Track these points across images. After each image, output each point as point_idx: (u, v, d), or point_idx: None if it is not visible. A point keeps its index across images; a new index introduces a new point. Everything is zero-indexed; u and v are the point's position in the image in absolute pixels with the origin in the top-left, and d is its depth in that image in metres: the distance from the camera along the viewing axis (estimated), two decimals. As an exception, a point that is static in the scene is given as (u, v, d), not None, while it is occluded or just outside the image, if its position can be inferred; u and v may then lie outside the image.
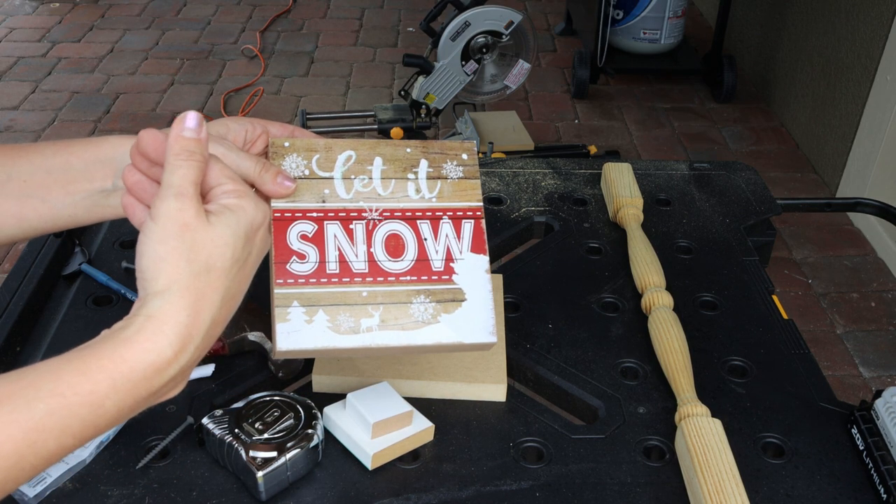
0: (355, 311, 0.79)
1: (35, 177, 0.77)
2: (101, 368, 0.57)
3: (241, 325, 1.02)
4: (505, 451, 0.92)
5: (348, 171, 0.82)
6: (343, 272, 0.79)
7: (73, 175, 0.78)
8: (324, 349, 0.77)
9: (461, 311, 0.82)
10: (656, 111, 3.59)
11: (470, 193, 0.86)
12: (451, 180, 0.86)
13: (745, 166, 1.47)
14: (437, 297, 0.81)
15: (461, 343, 0.81)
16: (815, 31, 3.23)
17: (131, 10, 4.41)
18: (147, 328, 0.59)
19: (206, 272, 0.62)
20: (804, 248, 2.79)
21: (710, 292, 1.17)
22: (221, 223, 0.64)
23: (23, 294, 1.09)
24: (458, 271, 0.83)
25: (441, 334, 0.81)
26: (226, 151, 0.76)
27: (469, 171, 0.87)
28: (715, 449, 0.87)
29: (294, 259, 0.78)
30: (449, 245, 0.84)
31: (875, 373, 2.32)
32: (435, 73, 2.60)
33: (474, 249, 0.85)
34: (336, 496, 0.86)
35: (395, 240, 0.82)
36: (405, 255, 0.82)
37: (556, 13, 4.41)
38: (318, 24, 4.33)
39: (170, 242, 0.61)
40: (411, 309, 0.81)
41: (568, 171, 1.44)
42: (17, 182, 0.77)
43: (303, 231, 0.79)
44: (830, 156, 3.11)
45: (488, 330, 0.82)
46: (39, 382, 0.56)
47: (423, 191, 0.84)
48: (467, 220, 0.85)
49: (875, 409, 0.94)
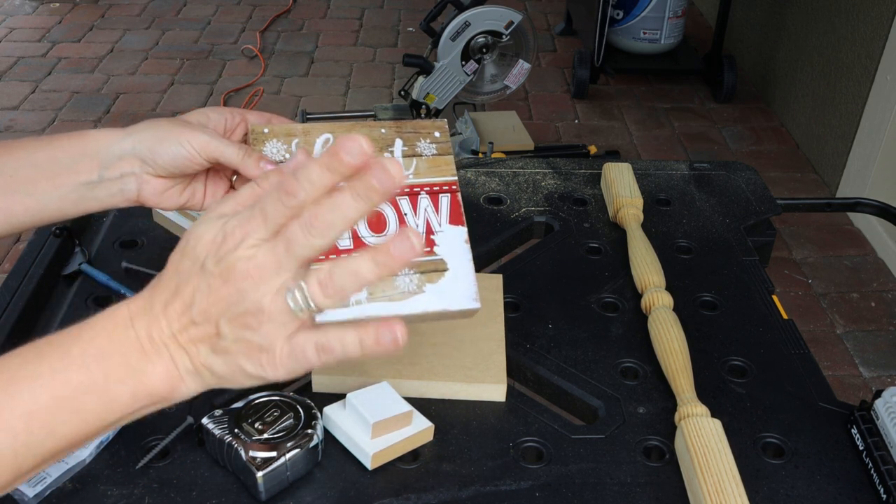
0: None
1: (21, 172, 0.79)
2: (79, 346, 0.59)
3: (241, 325, 1.02)
4: (505, 451, 0.92)
5: None
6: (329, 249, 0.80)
7: (59, 168, 0.80)
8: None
9: (444, 280, 0.83)
10: (656, 111, 3.59)
11: (444, 169, 0.89)
12: (426, 157, 0.89)
13: (745, 166, 1.47)
14: (421, 269, 0.83)
15: (447, 310, 0.83)
16: (815, 31, 3.23)
17: (131, 10, 4.41)
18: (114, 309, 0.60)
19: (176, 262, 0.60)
20: (804, 248, 2.79)
21: (710, 292, 1.17)
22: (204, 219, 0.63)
23: (23, 294, 1.09)
24: (439, 243, 0.85)
25: (427, 303, 0.82)
26: (209, 139, 0.79)
27: (442, 148, 0.89)
28: (715, 449, 0.87)
29: None
30: (428, 218, 0.86)
31: (875, 373, 2.32)
32: (435, 73, 2.60)
33: (452, 221, 0.87)
34: (336, 496, 0.86)
35: (377, 216, 0.84)
36: (387, 230, 0.84)
37: (556, 13, 4.40)
38: (318, 24, 4.33)
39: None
40: (397, 281, 0.82)
41: (568, 171, 1.44)
42: (4, 178, 0.78)
43: None
44: (830, 156, 3.11)
45: (471, 297, 0.83)
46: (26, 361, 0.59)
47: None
48: (444, 194, 0.88)
49: (875, 409, 0.94)
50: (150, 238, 1.23)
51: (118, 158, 0.81)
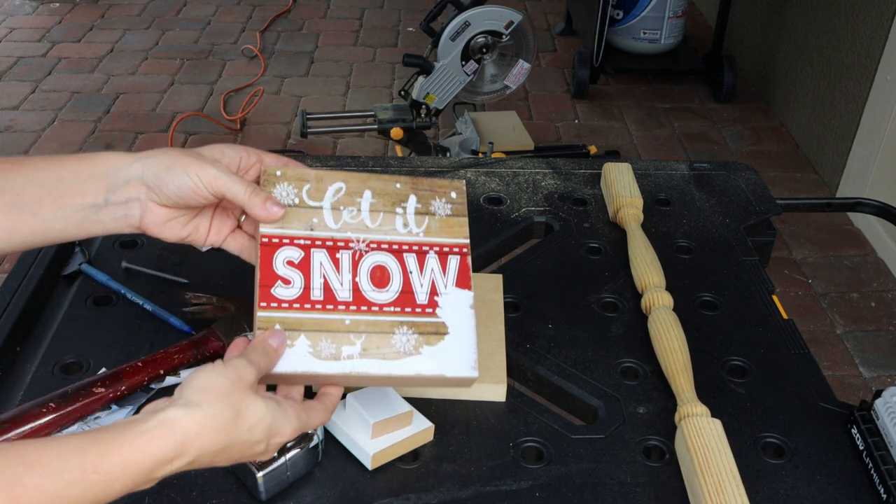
0: (337, 338, 0.79)
1: (27, 190, 0.78)
2: (121, 454, 0.64)
3: (241, 326, 1.02)
4: (505, 451, 0.92)
5: (338, 201, 0.84)
6: (327, 299, 0.80)
7: (65, 189, 0.79)
8: (303, 374, 0.78)
9: (444, 344, 0.82)
10: (656, 111, 3.59)
11: (457, 230, 0.87)
12: (439, 217, 0.87)
13: (745, 166, 1.47)
14: (421, 330, 0.82)
15: (442, 376, 0.81)
16: (815, 31, 3.23)
17: (131, 10, 4.41)
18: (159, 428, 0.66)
19: (231, 419, 0.69)
20: (804, 248, 2.79)
21: (710, 292, 1.17)
22: (267, 403, 0.72)
23: (23, 294, 1.09)
24: (443, 305, 0.84)
25: (422, 366, 0.81)
26: (218, 173, 0.80)
27: (457, 209, 0.88)
28: (715, 449, 0.87)
29: (279, 284, 0.79)
30: (434, 279, 0.84)
31: (875, 373, 2.32)
32: (435, 73, 2.59)
33: (459, 284, 0.85)
34: (336, 496, 0.86)
35: (381, 271, 0.83)
36: (390, 286, 0.83)
37: (556, 13, 4.40)
38: (318, 24, 4.33)
39: (223, 381, 0.70)
40: (393, 339, 0.81)
41: (568, 171, 1.44)
42: (10, 195, 0.78)
43: (289, 257, 0.80)
44: (830, 156, 3.11)
45: (470, 364, 0.82)
46: (67, 456, 0.62)
47: (411, 225, 0.86)
48: (453, 256, 0.86)
49: (875, 409, 0.94)
50: (150, 238, 1.22)
51: (125, 182, 0.81)
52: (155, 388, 0.97)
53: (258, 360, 0.74)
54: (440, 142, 2.84)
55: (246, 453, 0.72)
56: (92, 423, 0.91)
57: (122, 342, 1.04)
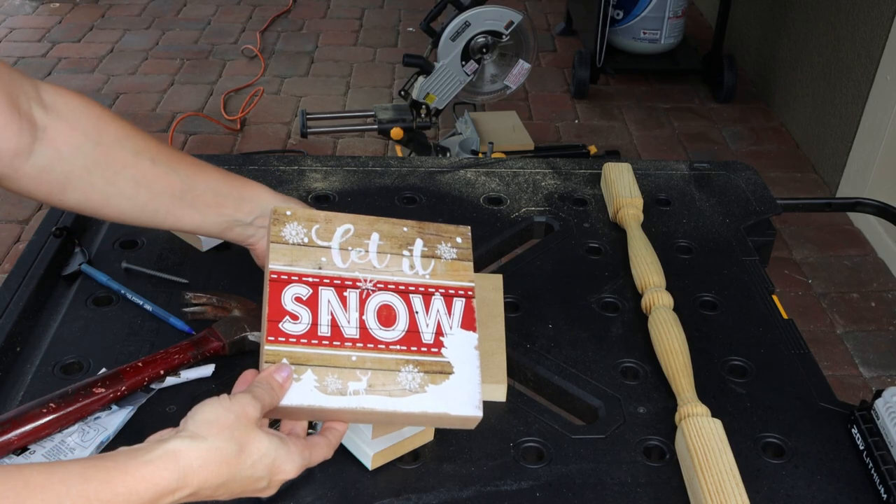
0: (343, 374, 0.80)
1: (205, 195, 0.97)
2: (124, 482, 0.65)
3: (241, 326, 1.02)
4: (505, 451, 0.92)
5: (346, 242, 0.87)
6: (334, 336, 0.82)
7: (228, 202, 0.98)
8: (309, 408, 0.79)
9: (448, 383, 0.83)
10: (656, 111, 3.59)
11: (462, 274, 0.89)
12: (445, 260, 0.89)
13: (745, 166, 1.47)
14: (426, 368, 0.83)
15: (447, 414, 0.82)
16: (815, 31, 3.23)
17: (131, 10, 4.41)
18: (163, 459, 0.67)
19: (234, 454, 0.71)
20: (804, 248, 2.79)
21: (710, 292, 1.17)
22: (270, 440, 0.74)
23: (23, 294, 1.09)
24: (448, 345, 0.85)
25: (427, 404, 0.82)
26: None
27: (462, 254, 0.90)
28: (715, 449, 0.87)
29: (287, 319, 0.81)
30: (440, 319, 0.86)
31: (875, 373, 2.32)
32: (435, 73, 2.59)
33: (464, 326, 0.87)
34: (336, 496, 0.86)
35: (388, 310, 0.85)
36: (396, 325, 0.84)
37: (556, 13, 4.40)
38: (318, 24, 4.32)
39: (228, 416, 0.72)
40: (399, 377, 0.82)
41: (568, 171, 1.44)
42: (192, 194, 0.96)
43: (297, 294, 0.83)
44: (830, 156, 3.11)
45: (474, 404, 0.83)
46: (70, 481, 0.63)
47: (417, 267, 0.88)
48: (458, 298, 0.88)
49: (875, 409, 0.94)
50: (150, 238, 1.23)
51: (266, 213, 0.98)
52: (155, 389, 0.97)
53: (263, 395, 0.75)
54: (440, 142, 2.84)
55: (248, 489, 0.74)
56: (92, 423, 0.91)
57: (122, 342, 1.04)
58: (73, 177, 0.90)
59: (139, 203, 0.95)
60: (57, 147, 0.88)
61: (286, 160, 1.43)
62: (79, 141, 0.90)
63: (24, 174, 0.87)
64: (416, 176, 1.40)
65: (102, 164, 0.91)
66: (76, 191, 0.91)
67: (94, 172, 0.91)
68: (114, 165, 0.92)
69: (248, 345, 1.02)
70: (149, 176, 0.94)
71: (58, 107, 0.89)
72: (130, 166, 0.93)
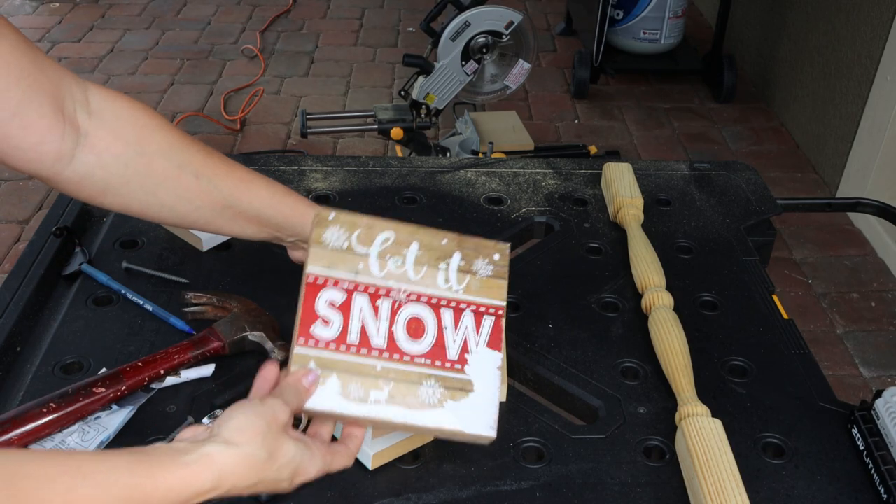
0: (366, 382, 0.82)
1: (246, 213, 0.97)
2: (165, 480, 0.68)
3: (242, 326, 1.02)
4: (505, 451, 0.92)
5: (385, 250, 0.87)
6: (362, 343, 0.84)
7: (270, 224, 0.99)
8: (329, 412, 0.81)
9: (467, 401, 0.84)
10: (656, 111, 3.59)
11: (496, 291, 0.89)
12: (480, 277, 0.89)
13: (745, 166, 1.47)
14: (447, 384, 0.84)
15: (461, 432, 0.84)
16: (815, 31, 3.23)
17: (131, 10, 4.41)
18: (200, 462, 0.70)
19: (264, 460, 0.74)
20: (804, 248, 2.79)
21: (710, 292, 1.17)
22: (297, 445, 0.77)
23: (23, 294, 1.09)
24: (471, 363, 0.86)
25: (443, 419, 0.83)
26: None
27: (498, 272, 0.89)
28: (715, 449, 0.87)
29: (319, 322, 0.82)
30: (467, 337, 0.87)
31: (875, 373, 2.32)
32: (435, 73, 2.59)
33: (490, 345, 0.87)
34: (336, 496, 0.86)
35: (417, 323, 0.86)
36: (424, 338, 0.85)
37: (556, 13, 4.40)
38: (318, 24, 4.32)
39: (260, 422, 0.74)
40: (420, 390, 0.83)
41: (568, 171, 1.44)
42: (234, 211, 0.97)
43: (332, 298, 0.84)
44: (830, 156, 3.11)
45: (489, 424, 0.84)
46: (118, 471, 0.66)
47: (452, 282, 0.88)
48: (489, 316, 0.88)
49: (875, 410, 0.94)
50: (150, 238, 1.23)
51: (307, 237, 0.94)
52: (155, 388, 0.97)
53: (292, 400, 0.78)
54: (440, 142, 2.84)
55: (270, 488, 0.77)
56: (92, 422, 0.91)
57: (122, 342, 1.04)
58: (113, 183, 0.91)
59: (179, 214, 0.96)
60: (98, 154, 0.88)
61: (286, 160, 1.43)
62: (120, 150, 0.90)
63: (65, 178, 0.88)
64: (417, 176, 1.40)
65: (143, 174, 0.91)
66: (117, 196, 0.92)
67: (133, 182, 0.91)
68: (155, 177, 0.92)
69: (249, 345, 1.02)
70: (191, 190, 0.94)
71: (104, 113, 0.89)
72: (172, 178, 0.93)
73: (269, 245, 1.22)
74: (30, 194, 2.92)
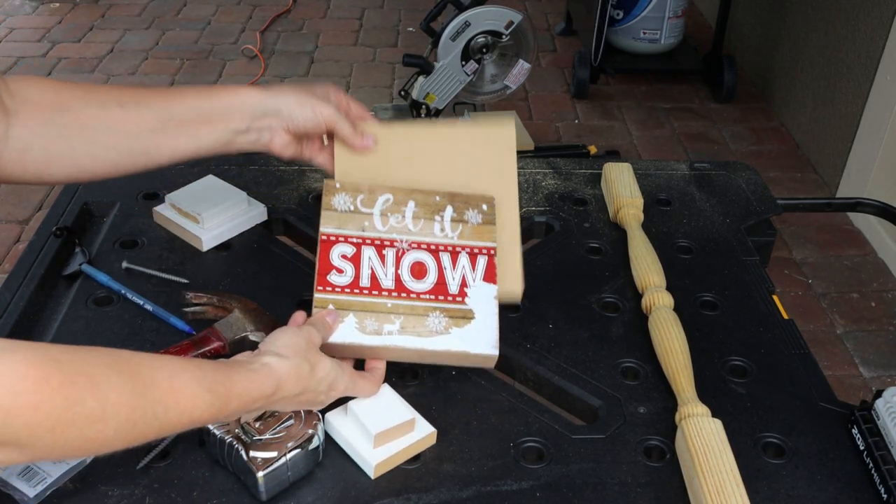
0: (380, 318, 0.94)
1: (188, 117, 0.98)
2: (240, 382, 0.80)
3: (242, 326, 1.02)
4: (505, 451, 0.92)
5: (386, 209, 1.01)
6: (373, 286, 0.96)
7: (217, 116, 0.99)
8: (350, 345, 0.93)
9: (470, 326, 0.96)
10: (656, 111, 3.59)
11: (486, 236, 1.01)
12: (472, 224, 1.01)
13: (745, 166, 1.47)
14: (451, 314, 0.96)
15: (467, 352, 0.95)
16: (815, 31, 3.23)
17: (131, 10, 4.41)
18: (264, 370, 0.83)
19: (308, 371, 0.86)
20: (804, 248, 2.79)
21: (711, 292, 1.17)
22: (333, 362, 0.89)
23: (23, 294, 1.09)
24: (471, 295, 0.97)
25: (451, 343, 0.95)
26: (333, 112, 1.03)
27: (487, 219, 1.02)
28: (715, 449, 0.87)
29: (333, 272, 0.96)
30: (464, 274, 0.99)
31: (875, 373, 2.32)
32: (435, 73, 2.59)
33: (486, 279, 0.99)
34: (336, 496, 0.86)
35: (420, 266, 0.98)
36: (427, 278, 0.98)
37: (556, 13, 4.40)
38: (318, 24, 4.32)
39: (300, 341, 0.87)
40: (427, 321, 0.95)
41: (568, 171, 1.44)
42: (175, 122, 0.98)
43: (343, 252, 0.97)
44: (830, 156, 3.11)
45: (492, 344, 0.95)
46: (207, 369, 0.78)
47: (447, 230, 1.01)
48: (482, 256, 1.00)
49: (875, 409, 0.94)
50: (150, 238, 1.23)
51: (263, 114, 1.01)
52: (155, 388, 0.97)
53: (320, 330, 0.91)
54: (440, 142, 2.84)
55: (311, 401, 0.87)
56: (92, 423, 0.91)
57: (122, 342, 1.04)
58: (52, 149, 0.93)
59: (124, 149, 0.97)
60: (27, 125, 0.91)
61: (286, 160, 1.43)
62: (45, 115, 0.92)
63: (7, 160, 0.90)
64: (417, 176, 1.40)
65: (75, 126, 0.94)
66: (61, 161, 0.94)
67: (70, 138, 0.94)
68: (87, 126, 0.94)
69: (249, 345, 1.02)
70: (121, 120, 0.96)
71: (22, 91, 0.92)
72: (101, 118, 0.95)
73: (270, 245, 1.22)
74: (30, 194, 2.92)
